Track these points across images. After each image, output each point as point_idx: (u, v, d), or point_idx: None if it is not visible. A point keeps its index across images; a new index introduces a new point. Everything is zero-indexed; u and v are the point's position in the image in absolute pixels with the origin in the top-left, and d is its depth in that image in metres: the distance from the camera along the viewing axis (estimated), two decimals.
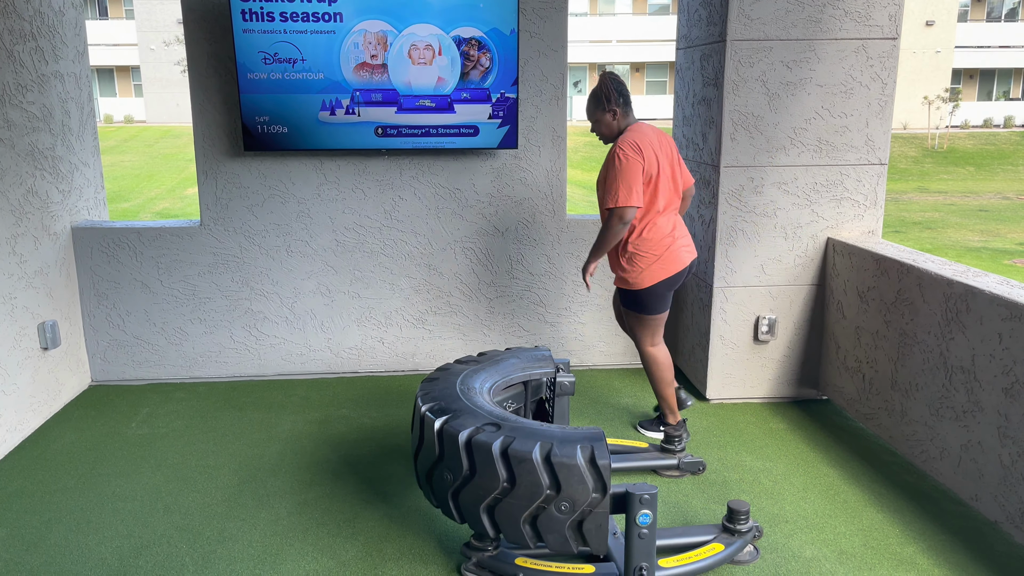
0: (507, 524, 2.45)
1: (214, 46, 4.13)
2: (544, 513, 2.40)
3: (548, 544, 2.43)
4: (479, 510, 2.48)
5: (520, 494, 2.40)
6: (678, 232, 3.38)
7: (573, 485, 2.36)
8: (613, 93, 3.29)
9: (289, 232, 4.37)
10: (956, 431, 3.10)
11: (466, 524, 2.56)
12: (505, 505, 2.43)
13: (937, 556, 2.77)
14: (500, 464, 2.41)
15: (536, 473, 2.37)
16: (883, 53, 3.81)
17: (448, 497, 2.56)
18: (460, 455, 2.48)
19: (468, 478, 2.49)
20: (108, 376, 4.46)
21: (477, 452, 2.45)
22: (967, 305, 3.02)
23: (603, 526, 2.39)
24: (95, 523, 3.00)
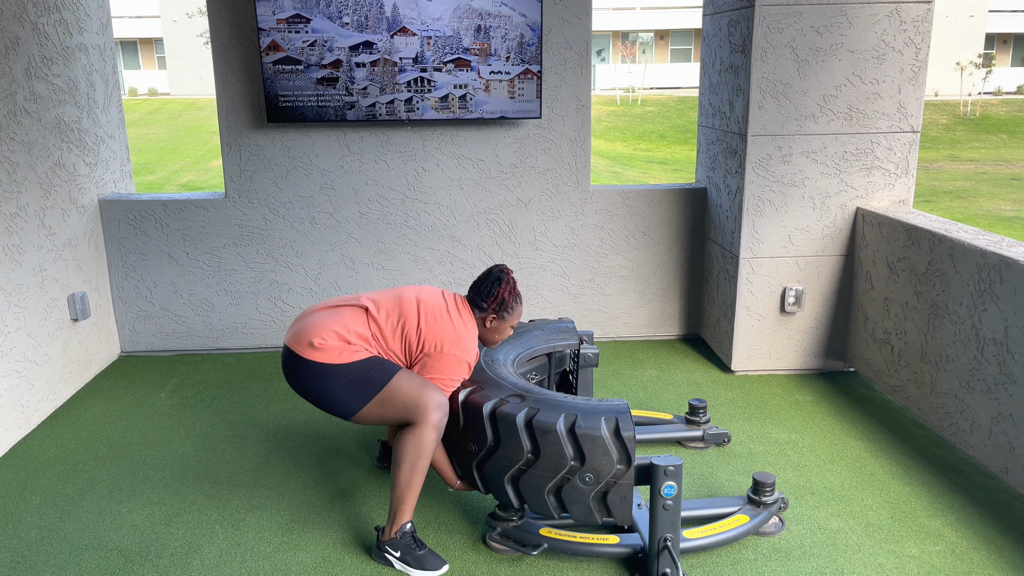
0: (532, 495, 2.46)
1: (236, 16, 4.11)
2: (569, 484, 2.40)
3: (572, 515, 2.44)
4: (503, 481, 2.49)
5: (545, 465, 2.40)
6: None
7: (597, 456, 2.36)
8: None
9: (313, 204, 4.37)
10: (987, 404, 3.06)
11: (491, 495, 2.58)
12: (530, 476, 2.44)
13: (965, 529, 2.75)
14: (524, 435, 2.42)
15: (560, 444, 2.37)
16: (917, 17, 3.70)
17: (473, 468, 2.58)
18: (485, 426, 2.48)
19: (493, 449, 2.50)
20: (137, 347, 4.52)
21: (501, 423, 2.45)
22: (1001, 276, 2.96)
23: (627, 498, 2.39)
24: (127, 491, 3.06)
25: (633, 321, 4.66)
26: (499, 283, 2.66)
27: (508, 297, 2.66)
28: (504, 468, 2.47)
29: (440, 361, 2.57)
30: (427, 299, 2.65)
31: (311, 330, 2.55)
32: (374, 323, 2.60)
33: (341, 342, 2.54)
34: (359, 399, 2.52)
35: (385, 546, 2.55)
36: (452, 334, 2.58)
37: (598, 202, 4.47)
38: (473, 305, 2.68)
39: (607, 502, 2.41)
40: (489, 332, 2.72)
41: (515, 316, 2.71)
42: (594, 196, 4.46)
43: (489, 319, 2.68)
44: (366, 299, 2.66)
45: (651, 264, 4.58)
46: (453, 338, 2.58)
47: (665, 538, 2.44)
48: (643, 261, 4.57)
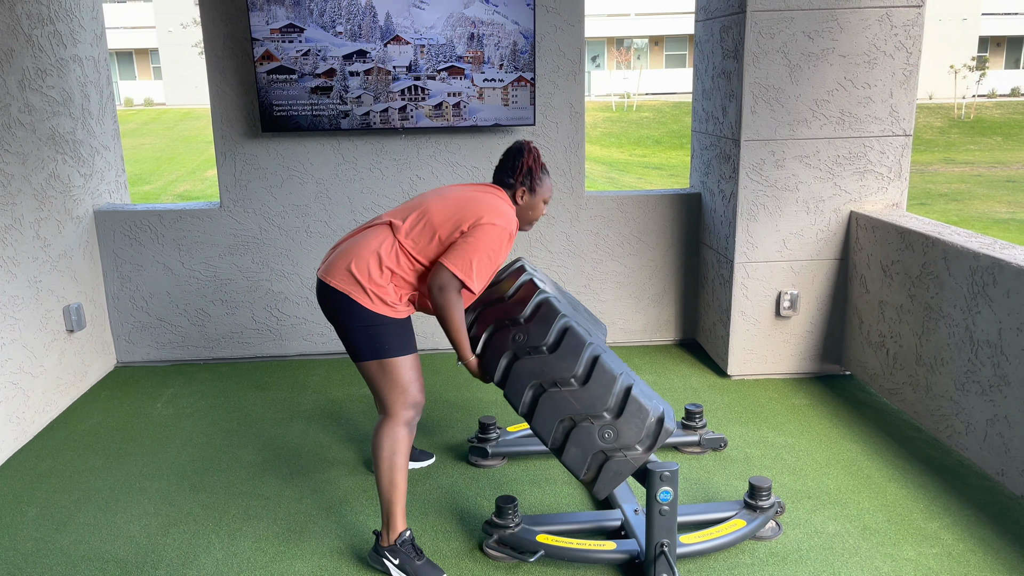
0: (545, 412, 2.38)
1: (230, 27, 4.13)
2: (586, 428, 2.35)
3: (565, 454, 2.37)
4: (527, 383, 2.41)
5: (580, 396, 2.35)
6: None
7: (630, 424, 2.32)
8: None
9: (308, 213, 4.38)
10: (982, 406, 3.06)
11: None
12: (557, 397, 2.37)
13: (962, 531, 2.75)
14: (584, 362, 2.37)
15: (609, 391, 2.34)
16: (908, 21, 3.72)
17: (505, 352, 2.47)
18: (550, 330, 2.42)
19: (541, 352, 2.43)
20: (133, 357, 4.51)
21: (569, 338, 2.40)
22: (994, 278, 2.97)
23: (620, 476, 2.36)
24: (123, 502, 3.06)
25: (629, 326, 4.67)
26: (521, 154, 2.55)
27: (534, 166, 2.55)
28: (538, 374, 2.40)
29: (478, 233, 2.38)
30: (452, 190, 2.54)
31: (341, 259, 2.46)
32: (402, 236, 2.45)
33: (372, 275, 2.42)
34: (367, 352, 2.44)
35: (385, 551, 2.54)
36: (488, 205, 2.43)
37: (593, 208, 4.48)
38: (501, 185, 2.57)
39: (603, 467, 2.36)
40: (523, 210, 2.59)
41: (546, 188, 2.59)
42: (589, 202, 4.48)
43: (520, 194, 2.56)
44: (388, 216, 2.54)
45: (647, 269, 4.59)
46: (489, 208, 2.42)
47: (662, 543, 2.44)
48: (639, 267, 4.58)
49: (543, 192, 2.59)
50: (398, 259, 2.45)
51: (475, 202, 2.46)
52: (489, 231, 2.40)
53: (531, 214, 2.61)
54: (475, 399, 3.95)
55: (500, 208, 2.46)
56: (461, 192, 2.52)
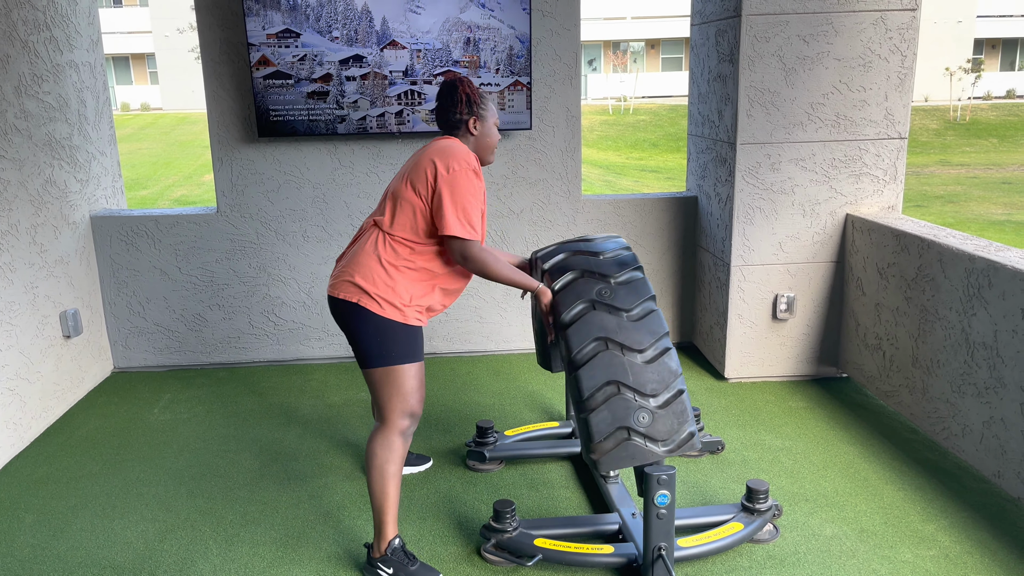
0: (598, 368, 2.34)
1: (226, 32, 4.13)
2: (626, 401, 2.33)
3: (594, 414, 2.32)
4: (596, 333, 2.38)
5: (637, 371, 2.34)
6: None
7: (668, 421, 2.32)
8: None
9: (305, 217, 4.38)
10: (978, 408, 3.07)
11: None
12: (617, 360, 2.35)
13: (959, 533, 2.76)
14: (656, 345, 2.38)
15: (665, 382, 2.35)
16: (902, 24, 3.74)
17: (588, 298, 2.48)
18: (638, 302, 2.44)
19: (621, 313, 2.43)
20: (130, 363, 4.51)
21: (652, 318, 2.41)
22: (989, 280, 2.98)
23: (631, 461, 2.32)
24: (120, 508, 3.05)
25: None
26: (455, 87, 2.53)
27: (471, 92, 2.53)
28: (609, 331, 2.39)
29: (446, 188, 2.37)
30: (407, 162, 2.54)
31: (345, 272, 2.47)
32: (387, 227, 2.46)
33: (377, 279, 2.43)
34: (375, 359, 2.44)
35: (377, 563, 2.53)
36: (438, 151, 2.43)
37: (590, 212, 4.49)
38: (449, 128, 2.56)
39: (621, 445, 2.32)
40: (481, 139, 2.57)
41: (492, 111, 2.58)
42: (586, 206, 4.48)
43: (472, 124, 2.54)
44: (370, 218, 2.55)
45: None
46: (440, 153, 2.42)
47: (659, 547, 2.44)
48: None
49: (491, 115, 2.58)
50: (395, 251, 2.45)
51: (425, 156, 2.46)
52: (454, 179, 2.39)
53: (489, 141, 2.59)
54: (472, 403, 3.95)
55: (451, 149, 2.44)
56: (410, 158, 2.53)
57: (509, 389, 4.12)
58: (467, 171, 2.42)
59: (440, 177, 2.40)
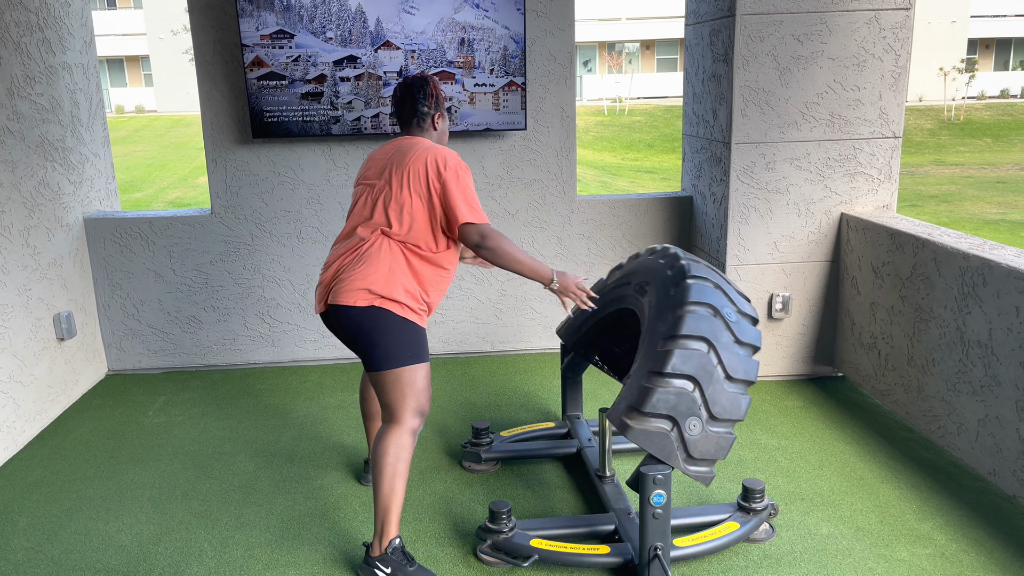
0: (691, 359, 2.40)
1: (220, 33, 4.12)
2: (692, 400, 2.37)
3: (663, 381, 2.36)
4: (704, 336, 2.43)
5: (717, 385, 2.40)
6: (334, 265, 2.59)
7: (707, 443, 2.38)
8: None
9: (299, 219, 4.37)
10: (973, 406, 3.07)
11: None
12: (708, 364, 2.40)
13: (955, 532, 2.76)
14: (743, 378, 2.43)
15: (729, 412, 2.39)
16: (896, 24, 3.74)
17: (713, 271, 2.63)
18: (749, 310, 2.53)
19: (730, 310, 2.50)
20: (124, 365, 4.49)
21: (748, 361, 2.47)
22: (984, 279, 2.98)
23: (655, 449, 2.35)
24: (114, 511, 3.04)
25: None
26: (426, 82, 2.64)
27: (437, 90, 2.67)
28: (711, 341, 2.43)
29: (449, 183, 2.46)
30: (379, 166, 2.58)
31: (355, 282, 2.48)
32: (403, 236, 2.51)
33: (397, 286, 2.49)
34: (390, 361, 2.47)
35: (376, 562, 2.52)
36: (431, 149, 2.51)
37: (585, 212, 4.48)
38: (415, 121, 2.65)
39: (659, 431, 2.36)
40: (440, 135, 2.71)
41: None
42: (581, 206, 4.48)
43: (437, 118, 2.67)
44: (365, 226, 2.55)
45: None
46: (434, 151, 2.51)
47: (655, 547, 2.44)
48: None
49: (448, 116, 2.69)
50: (410, 257, 2.53)
51: (412, 159, 2.51)
52: (452, 174, 2.48)
53: (444, 138, 2.72)
54: (468, 403, 3.95)
55: (434, 148, 2.53)
56: (390, 161, 2.55)
57: (504, 390, 4.12)
58: (456, 162, 2.51)
59: (440, 175, 2.48)
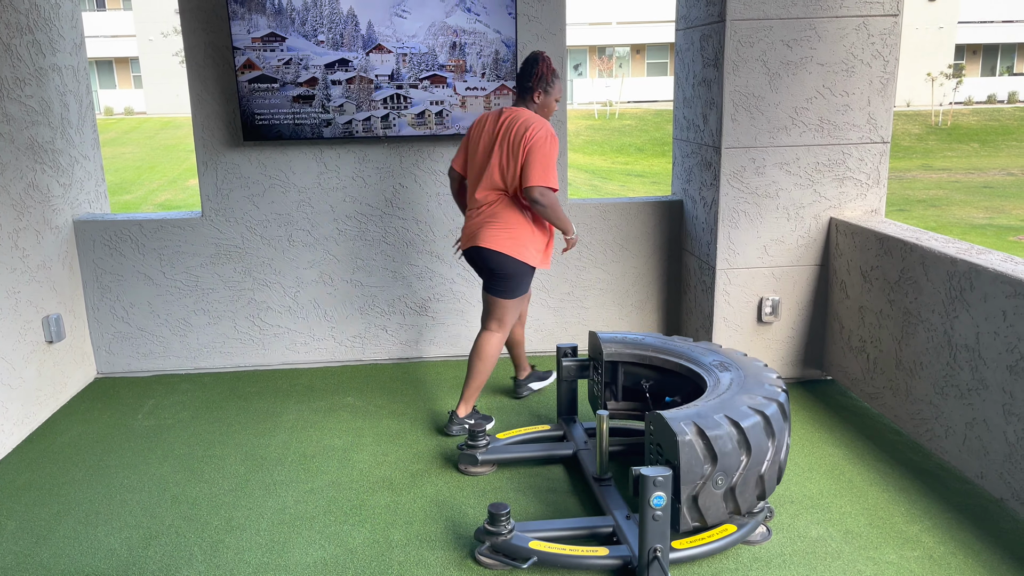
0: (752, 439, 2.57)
1: (211, 35, 4.11)
2: (736, 463, 2.55)
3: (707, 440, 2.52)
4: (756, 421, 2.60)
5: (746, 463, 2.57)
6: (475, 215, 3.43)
7: (717, 507, 2.61)
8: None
9: (290, 221, 4.37)
10: (961, 409, 3.10)
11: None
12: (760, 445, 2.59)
13: (943, 534, 2.78)
14: (774, 473, 2.67)
15: (755, 503, 2.66)
16: (884, 30, 3.77)
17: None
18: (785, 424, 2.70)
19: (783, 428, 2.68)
20: (113, 368, 4.47)
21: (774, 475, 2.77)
22: (971, 283, 3.01)
23: (689, 473, 2.51)
24: (104, 514, 3.02)
25: None
26: (536, 63, 3.27)
27: (547, 72, 3.28)
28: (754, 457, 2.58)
29: (534, 149, 3.18)
30: (490, 137, 3.33)
31: (499, 230, 3.32)
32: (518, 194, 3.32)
33: (528, 235, 3.36)
34: (514, 292, 3.40)
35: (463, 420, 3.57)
36: (526, 121, 3.23)
37: (576, 215, 4.49)
38: (521, 92, 3.31)
39: (688, 492, 2.52)
40: (540, 108, 3.32)
41: (556, 90, 3.32)
42: (572, 210, 4.49)
43: (536, 95, 3.29)
44: (489, 188, 3.33)
45: (629, 276, 4.61)
46: (527, 122, 3.23)
47: (655, 549, 2.45)
48: (621, 274, 4.60)
49: (555, 93, 3.33)
50: (521, 211, 3.33)
51: (515, 127, 3.24)
52: (538, 141, 3.18)
53: (545, 111, 3.36)
54: None
55: (528, 118, 3.25)
56: (498, 130, 3.30)
57: (497, 393, 4.12)
58: (546, 132, 3.20)
59: (527, 141, 3.19)
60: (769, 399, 2.67)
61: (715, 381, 2.86)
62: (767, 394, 2.70)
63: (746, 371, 2.89)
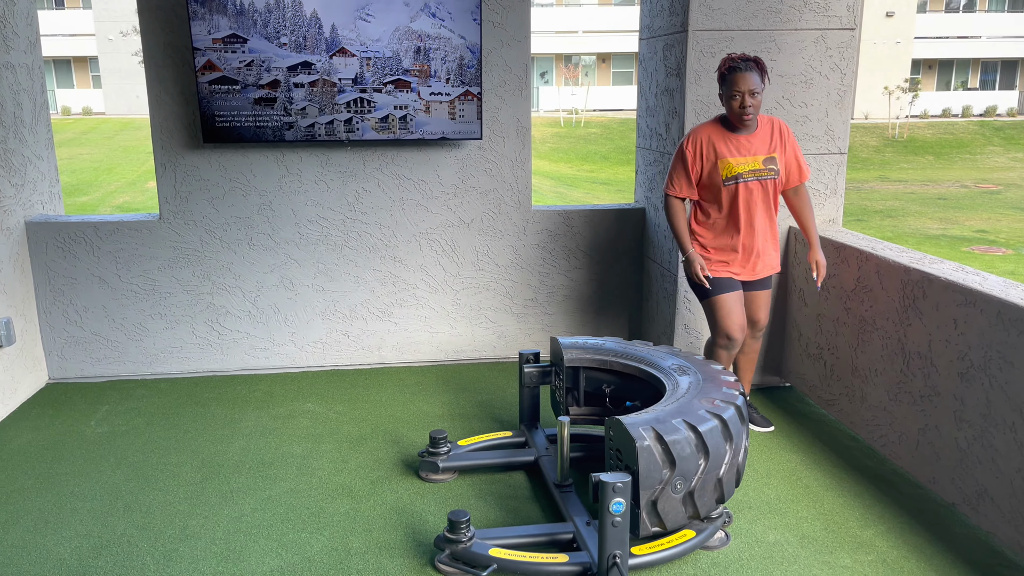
0: (712, 440, 2.62)
1: (170, 36, 4.05)
2: (695, 467, 2.57)
3: (666, 437, 2.54)
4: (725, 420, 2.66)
5: (704, 464, 2.60)
6: None
7: (675, 512, 2.62)
8: None
9: (251, 225, 4.31)
10: (914, 415, 3.16)
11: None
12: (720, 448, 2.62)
13: (896, 538, 2.83)
14: (732, 475, 2.68)
15: (715, 507, 2.68)
16: (842, 43, 3.85)
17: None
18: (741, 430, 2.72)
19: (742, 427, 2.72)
20: (66, 374, 4.37)
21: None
22: (923, 291, 3.07)
23: (647, 476, 2.52)
24: (53, 523, 2.94)
25: None
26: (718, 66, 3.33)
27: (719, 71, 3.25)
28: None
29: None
30: None
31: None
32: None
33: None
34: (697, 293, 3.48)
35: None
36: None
37: (540, 222, 4.51)
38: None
39: (648, 496, 2.53)
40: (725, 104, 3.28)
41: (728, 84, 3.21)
42: (536, 216, 4.50)
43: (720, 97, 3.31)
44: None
45: (592, 283, 4.63)
46: None
47: (614, 555, 2.45)
48: (585, 280, 4.62)
49: (727, 90, 3.24)
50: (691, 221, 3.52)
51: None
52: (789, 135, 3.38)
53: (727, 113, 3.31)
54: (423, 413, 3.92)
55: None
56: None
57: (459, 399, 4.10)
58: (684, 141, 3.35)
59: None
60: (727, 403, 2.70)
61: (674, 385, 2.88)
62: (725, 398, 2.73)
63: (704, 375, 2.92)
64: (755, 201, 3.33)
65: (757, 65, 3.20)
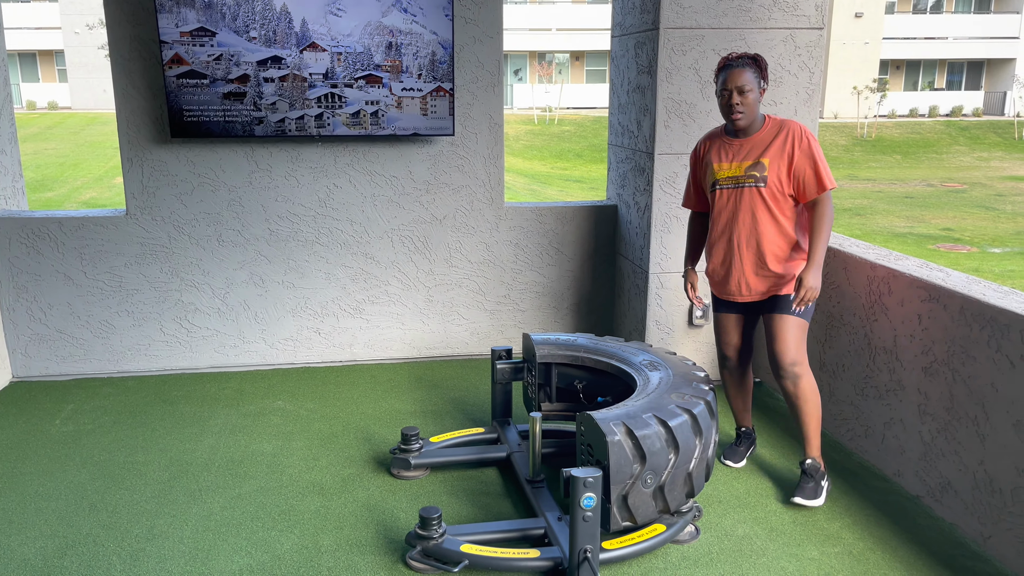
0: (682, 434, 2.67)
1: (137, 28, 3.99)
2: (664, 461, 2.60)
3: (637, 429, 2.56)
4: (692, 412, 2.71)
5: (673, 460, 2.62)
6: None
7: (646, 506, 2.65)
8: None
9: (220, 221, 4.26)
10: (879, 410, 3.21)
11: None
12: (690, 445, 2.68)
13: (862, 531, 2.87)
14: (703, 471, 2.72)
15: (685, 501, 2.75)
16: (810, 43, 3.89)
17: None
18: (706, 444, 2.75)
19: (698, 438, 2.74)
20: (30, 372, 4.29)
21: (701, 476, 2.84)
22: (889, 287, 3.12)
23: (617, 468, 2.53)
24: (17, 523, 2.89)
25: None
26: None
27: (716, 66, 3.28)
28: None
29: None
30: None
31: None
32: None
33: None
34: None
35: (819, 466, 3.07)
36: None
37: (512, 219, 4.51)
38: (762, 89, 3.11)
39: (618, 483, 2.55)
40: (718, 104, 3.18)
41: (718, 84, 2.99)
42: (508, 213, 4.50)
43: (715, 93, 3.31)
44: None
45: (565, 280, 4.64)
46: None
47: (585, 550, 2.46)
48: (557, 277, 4.63)
49: (717, 87, 3.00)
50: None
51: None
52: (804, 142, 2.98)
53: (719, 109, 3.04)
54: (394, 410, 3.91)
55: None
56: None
57: (431, 396, 4.09)
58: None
59: None
60: (697, 397, 2.72)
61: (645, 380, 2.89)
62: (695, 392, 2.75)
63: (675, 370, 2.94)
64: (739, 211, 2.97)
65: (755, 62, 2.91)
